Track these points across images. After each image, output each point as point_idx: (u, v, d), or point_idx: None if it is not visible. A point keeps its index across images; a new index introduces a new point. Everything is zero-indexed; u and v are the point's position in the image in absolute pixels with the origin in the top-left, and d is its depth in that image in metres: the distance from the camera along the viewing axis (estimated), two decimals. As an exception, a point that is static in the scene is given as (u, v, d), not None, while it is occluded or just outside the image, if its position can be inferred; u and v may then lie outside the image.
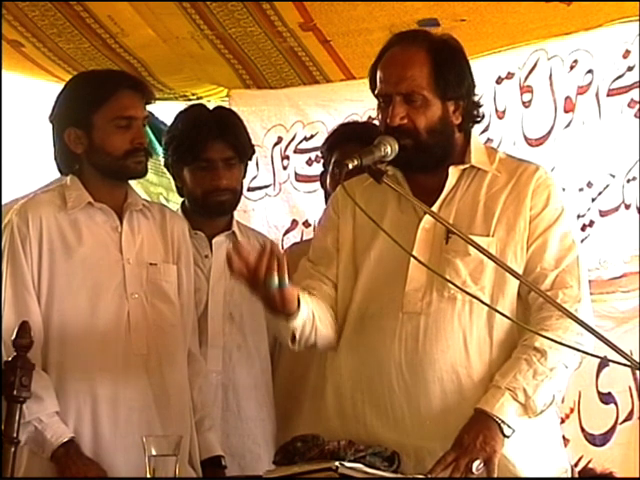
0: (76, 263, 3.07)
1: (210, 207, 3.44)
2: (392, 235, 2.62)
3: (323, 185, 3.67)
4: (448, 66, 2.76)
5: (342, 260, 2.85)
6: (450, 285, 2.66)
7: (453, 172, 2.78)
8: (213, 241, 3.46)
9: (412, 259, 2.70)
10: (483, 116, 2.86)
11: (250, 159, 3.57)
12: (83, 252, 3.08)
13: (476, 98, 2.84)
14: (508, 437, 2.61)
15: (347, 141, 3.45)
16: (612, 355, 2.38)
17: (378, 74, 2.78)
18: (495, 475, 2.57)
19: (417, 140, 2.72)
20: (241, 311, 3.43)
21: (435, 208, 2.75)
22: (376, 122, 2.96)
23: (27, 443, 2.93)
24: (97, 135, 3.11)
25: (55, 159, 3.24)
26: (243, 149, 3.48)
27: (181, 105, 4.72)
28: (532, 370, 2.63)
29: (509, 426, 2.60)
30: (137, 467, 2.89)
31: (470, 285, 2.69)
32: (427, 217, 2.74)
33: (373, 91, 2.82)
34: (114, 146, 3.10)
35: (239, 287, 3.41)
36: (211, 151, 3.41)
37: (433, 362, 2.68)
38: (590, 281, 4.08)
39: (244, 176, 3.54)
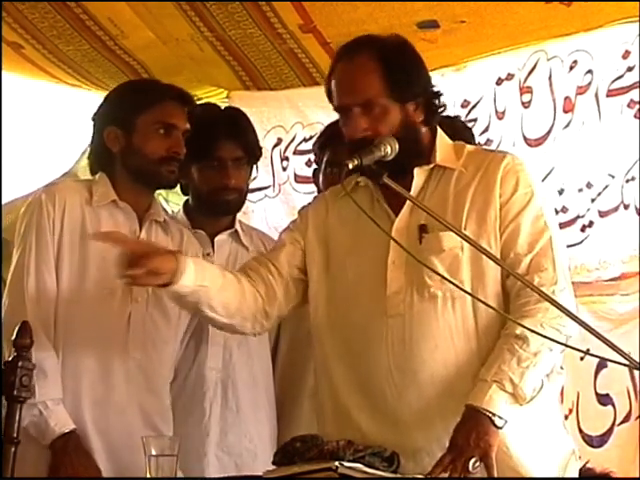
0: (91, 254, 3.09)
1: (216, 206, 3.44)
2: (367, 242, 2.65)
3: (317, 184, 3.67)
4: (399, 68, 2.75)
5: (314, 264, 2.86)
6: (429, 284, 2.67)
7: (418, 173, 2.78)
8: (215, 239, 3.46)
9: (389, 262, 2.71)
10: (444, 106, 2.85)
11: (258, 160, 3.58)
12: (99, 245, 3.07)
13: (434, 89, 2.82)
14: (501, 428, 2.60)
15: (339, 140, 3.46)
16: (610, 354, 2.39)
17: (333, 89, 2.79)
18: (495, 469, 2.56)
19: None
20: None
21: (405, 208, 2.75)
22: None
23: (27, 427, 2.91)
24: (137, 137, 3.14)
25: (89, 157, 3.29)
26: (252, 150, 3.49)
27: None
28: (516, 358, 2.62)
29: (500, 417, 2.59)
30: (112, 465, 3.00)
31: None
32: (398, 220, 2.75)
33: (333, 105, 2.83)
34: (151, 150, 3.13)
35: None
36: (222, 150, 3.41)
37: (423, 362, 2.68)
38: (589, 282, 4.16)
39: (249, 176, 3.55)
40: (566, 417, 4.13)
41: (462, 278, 2.70)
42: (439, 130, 2.84)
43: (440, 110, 2.84)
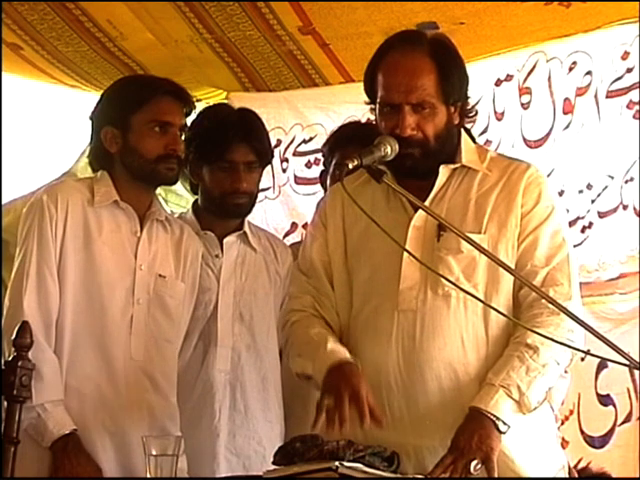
0: (93, 255, 3.09)
1: (227, 208, 3.43)
2: (383, 235, 2.60)
3: (323, 185, 3.67)
4: (452, 70, 2.75)
5: (335, 267, 2.84)
6: (444, 282, 2.65)
7: (444, 171, 2.78)
8: (224, 241, 3.45)
9: (404, 257, 2.70)
10: (476, 112, 2.86)
11: (269, 163, 3.57)
12: (101, 247, 3.10)
13: (469, 93, 2.83)
14: (504, 433, 2.59)
15: (349, 143, 3.45)
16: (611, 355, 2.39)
17: (381, 80, 2.74)
18: (496, 472, 2.56)
19: (426, 148, 2.72)
20: (251, 311, 3.43)
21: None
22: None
23: (27, 429, 2.91)
24: (132, 136, 3.13)
25: (89, 156, 3.28)
26: (265, 154, 3.48)
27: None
28: (525, 367, 2.63)
29: (504, 422, 2.59)
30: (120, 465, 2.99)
31: (463, 282, 2.68)
32: (418, 216, 2.74)
33: (370, 95, 2.79)
34: (147, 149, 3.11)
35: (249, 287, 3.44)
36: (235, 153, 3.39)
37: (430, 360, 2.68)
38: (589, 283, 4.15)
39: (260, 180, 3.53)
40: (567, 418, 4.14)
41: (477, 281, 2.70)
42: (462, 130, 2.84)
43: (472, 115, 2.84)
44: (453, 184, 2.78)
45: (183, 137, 3.22)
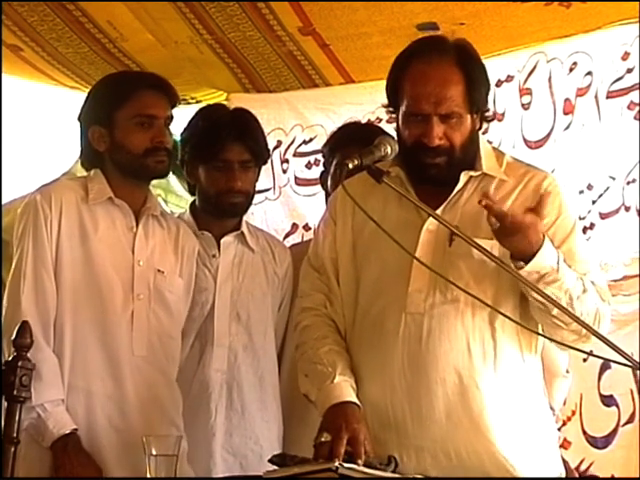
0: (90, 252, 3.09)
1: (222, 208, 3.44)
2: (394, 234, 2.61)
3: (323, 185, 3.67)
4: (478, 79, 2.74)
5: (342, 264, 2.84)
6: (452, 286, 2.64)
7: (464, 179, 2.76)
8: (221, 241, 3.46)
9: (414, 260, 2.68)
10: (494, 115, 2.86)
11: (265, 163, 3.57)
12: (97, 244, 3.11)
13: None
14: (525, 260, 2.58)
15: (349, 143, 3.44)
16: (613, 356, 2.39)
17: (407, 89, 2.72)
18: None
19: (451, 157, 2.71)
20: (248, 311, 3.43)
21: (440, 210, 2.73)
22: (378, 124, 2.92)
23: (27, 429, 2.92)
24: (118, 133, 3.14)
25: (80, 157, 3.28)
26: (260, 153, 3.48)
27: (181, 109, 4.72)
28: (575, 277, 2.63)
29: (542, 252, 2.57)
30: (129, 462, 2.97)
31: (473, 287, 2.67)
32: (430, 221, 2.72)
33: (392, 101, 2.78)
34: (134, 144, 3.12)
35: (246, 287, 3.44)
36: (229, 152, 3.40)
37: (436, 363, 2.67)
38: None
39: (257, 179, 3.53)
40: (569, 419, 4.14)
41: (486, 286, 2.69)
42: (480, 136, 2.83)
43: (491, 119, 2.84)
44: (469, 189, 2.78)
45: (179, 136, 3.22)
